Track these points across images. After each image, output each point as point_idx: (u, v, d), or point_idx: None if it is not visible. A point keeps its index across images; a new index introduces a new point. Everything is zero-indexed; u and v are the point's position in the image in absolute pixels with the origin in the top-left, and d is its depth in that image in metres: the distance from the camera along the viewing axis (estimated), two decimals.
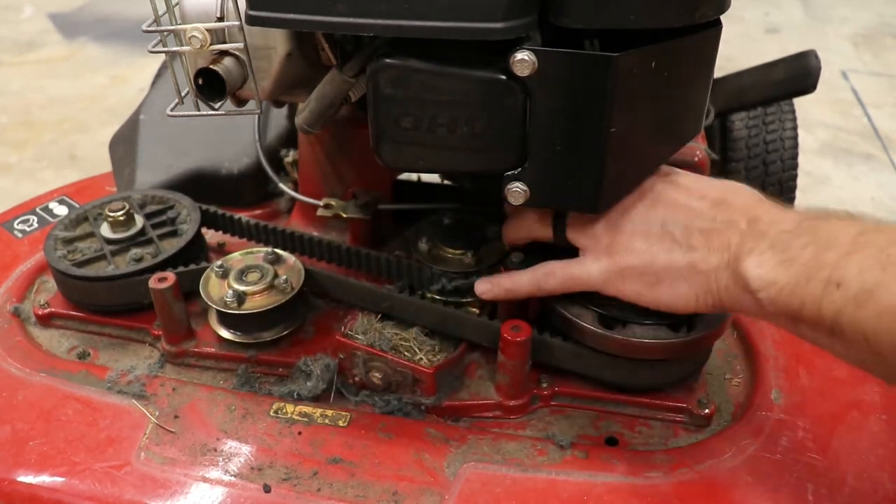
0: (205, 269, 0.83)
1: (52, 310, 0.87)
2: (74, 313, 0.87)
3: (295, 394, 0.76)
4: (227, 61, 0.68)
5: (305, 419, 0.74)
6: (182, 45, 0.68)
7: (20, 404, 0.76)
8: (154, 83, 1.53)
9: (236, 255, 0.86)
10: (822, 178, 2.32)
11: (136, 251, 0.87)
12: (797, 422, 0.72)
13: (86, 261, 0.85)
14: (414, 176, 1.07)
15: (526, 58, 0.58)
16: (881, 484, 0.67)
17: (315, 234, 0.98)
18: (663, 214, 0.65)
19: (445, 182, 1.00)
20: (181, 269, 0.83)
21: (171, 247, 0.87)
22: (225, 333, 0.81)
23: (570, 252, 0.70)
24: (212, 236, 0.98)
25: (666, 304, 0.66)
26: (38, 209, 1.07)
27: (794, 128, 1.56)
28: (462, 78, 0.60)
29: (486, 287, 0.74)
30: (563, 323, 0.73)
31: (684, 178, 0.68)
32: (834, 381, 0.77)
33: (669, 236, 0.64)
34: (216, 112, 0.71)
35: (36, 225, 1.04)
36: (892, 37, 3.38)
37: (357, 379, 0.77)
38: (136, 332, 0.86)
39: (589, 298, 0.71)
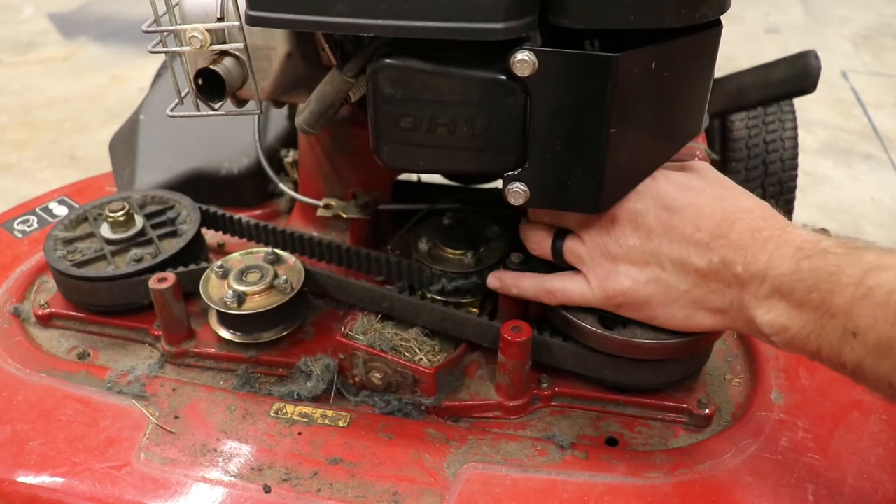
0: (205, 269, 0.83)
1: (52, 310, 0.87)
2: (74, 314, 0.87)
3: (295, 394, 0.76)
4: (227, 61, 0.68)
5: (305, 419, 0.74)
6: (182, 46, 0.68)
7: (20, 404, 0.76)
8: (154, 83, 1.53)
9: (236, 255, 0.86)
10: (822, 178, 2.32)
11: (136, 251, 0.87)
12: (797, 422, 0.72)
13: (86, 261, 0.85)
14: (414, 176, 1.07)
15: (526, 58, 0.58)
16: (881, 484, 0.67)
17: (315, 234, 0.98)
18: (659, 246, 0.64)
19: (446, 182, 1.00)
20: (181, 269, 0.83)
21: (171, 247, 0.87)
22: (225, 334, 0.81)
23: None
24: (212, 236, 0.98)
25: (667, 328, 0.68)
26: (38, 209, 1.07)
27: (794, 128, 1.56)
28: (462, 78, 0.60)
29: (495, 283, 0.76)
30: (563, 323, 0.73)
31: (683, 199, 0.64)
32: (834, 381, 0.77)
33: (666, 273, 0.64)
34: (216, 112, 0.71)
35: (36, 225, 1.04)
36: (892, 37, 3.39)
37: (357, 379, 0.77)
38: (136, 332, 0.86)
39: None
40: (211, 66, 0.67)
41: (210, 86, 0.68)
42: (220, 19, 0.68)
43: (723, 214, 0.63)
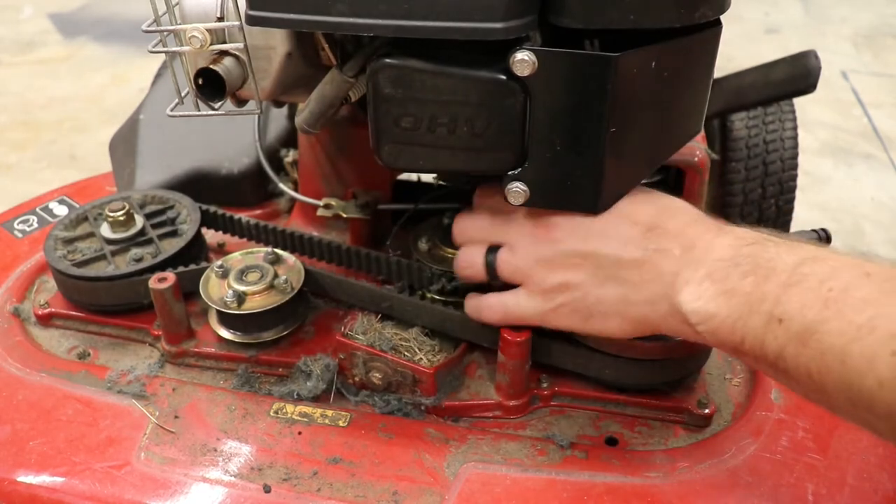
0: (205, 269, 0.83)
1: (52, 310, 0.87)
2: (74, 313, 0.87)
3: (295, 394, 0.76)
4: (227, 61, 0.68)
5: (305, 419, 0.74)
6: (182, 45, 0.68)
7: (20, 404, 0.76)
8: (154, 83, 1.53)
9: (236, 255, 0.86)
10: (822, 178, 2.32)
11: (136, 251, 0.87)
12: (797, 422, 0.72)
13: (86, 261, 0.85)
14: (414, 176, 1.07)
15: (526, 58, 0.58)
16: (881, 484, 0.67)
17: (315, 234, 0.98)
18: (595, 246, 0.64)
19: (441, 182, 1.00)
20: (181, 269, 0.83)
21: (171, 247, 0.87)
22: (225, 333, 0.81)
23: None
24: (212, 236, 0.98)
25: (601, 334, 0.67)
26: (38, 209, 1.07)
27: (794, 128, 1.56)
28: (462, 78, 0.60)
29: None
30: None
31: (622, 202, 0.65)
32: None
33: (602, 270, 0.64)
34: (216, 112, 0.71)
35: (36, 225, 1.04)
36: (892, 37, 3.39)
37: (357, 379, 0.77)
38: (136, 332, 0.86)
39: None
40: (211, 66, 0.67)
41: (210, 86, 0.68)
42: (220, 19, 0.68)
43: (660, 209, 0.64)
